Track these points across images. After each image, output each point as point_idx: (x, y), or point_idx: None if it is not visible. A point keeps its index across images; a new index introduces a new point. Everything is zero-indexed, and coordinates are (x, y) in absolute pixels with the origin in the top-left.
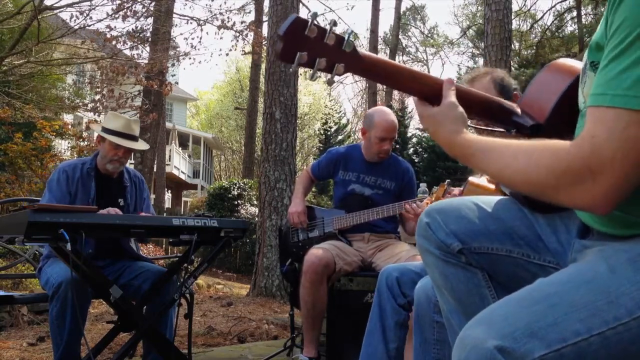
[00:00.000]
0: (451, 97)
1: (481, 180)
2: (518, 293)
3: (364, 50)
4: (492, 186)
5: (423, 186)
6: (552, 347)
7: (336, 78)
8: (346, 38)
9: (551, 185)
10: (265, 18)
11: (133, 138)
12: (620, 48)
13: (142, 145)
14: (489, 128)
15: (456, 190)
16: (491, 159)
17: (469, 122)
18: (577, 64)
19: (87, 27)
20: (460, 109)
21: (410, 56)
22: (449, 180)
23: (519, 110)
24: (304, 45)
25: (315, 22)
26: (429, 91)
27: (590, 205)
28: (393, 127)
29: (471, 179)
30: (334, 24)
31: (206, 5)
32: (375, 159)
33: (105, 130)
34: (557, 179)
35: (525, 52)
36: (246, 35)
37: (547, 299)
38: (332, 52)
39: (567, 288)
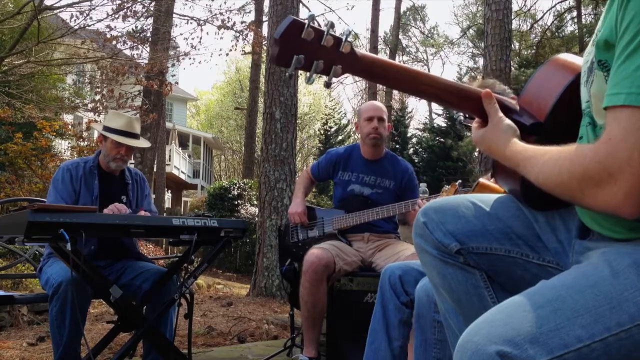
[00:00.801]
0: (494, 113)
1: (491, 181)
2: (520, 296)
3: (362, 50)
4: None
5: (423, 186)
6: (554, 353)
7: (334, 79)
8: (344, 39)
9: (576, 189)
10: (265, 18)
11: (135, 136)
12: (632, 46)
13: (143, 143)
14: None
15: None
16: (531, 166)
17: (468, 123)
18: (578, 60)
19: (87, 27)
20: (507, 121)
21: (411, 56)
22: (460, 181)
23: (518, 108)
24: (300, 47)
25: (312, 25)
26: (429, 91)
27: (615, 208)
28: (377, 106)
29: (481, 179)
30: (332, 25)
31: (206, 5)
32: (369, 143)
33: (106, 129)
34: (579, 184)
35: (525, 52)
36: (246, 35)
37: (549, 303)
38: (330, 54)
39: (570, 293)
